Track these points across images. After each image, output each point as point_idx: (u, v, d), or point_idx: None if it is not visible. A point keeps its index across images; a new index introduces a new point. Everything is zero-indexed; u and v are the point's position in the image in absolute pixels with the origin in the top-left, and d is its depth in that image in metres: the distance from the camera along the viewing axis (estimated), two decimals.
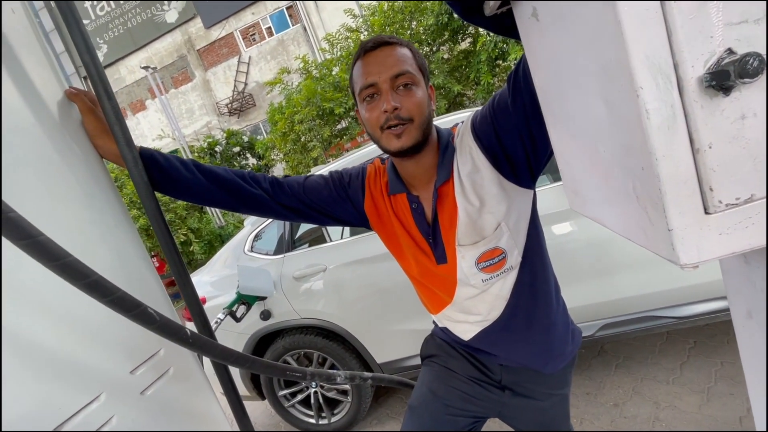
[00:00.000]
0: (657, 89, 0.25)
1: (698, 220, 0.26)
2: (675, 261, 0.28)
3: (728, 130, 0.24)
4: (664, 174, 0.26)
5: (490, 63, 5.33)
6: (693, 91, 0.24)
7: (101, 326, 0.60)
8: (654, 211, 0.28)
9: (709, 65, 0.23)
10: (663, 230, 0.27)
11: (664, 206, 0.26)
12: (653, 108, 0.25)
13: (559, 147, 0.43)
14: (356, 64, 0.74)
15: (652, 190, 0.27)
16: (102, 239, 0.65)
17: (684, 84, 0.24)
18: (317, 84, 6.22)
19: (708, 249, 0.27)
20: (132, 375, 0.62)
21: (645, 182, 0.28)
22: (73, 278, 0.47)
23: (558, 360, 0.85)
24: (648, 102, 0.25)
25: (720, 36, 0.23)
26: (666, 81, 0.24)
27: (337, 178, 0.87)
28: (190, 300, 0.75)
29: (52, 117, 0.64)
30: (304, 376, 0.79)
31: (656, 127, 0.25)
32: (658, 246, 0.29)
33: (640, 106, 0.25)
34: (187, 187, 0.77)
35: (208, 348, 0.61)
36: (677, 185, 0.26)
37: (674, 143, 0.25)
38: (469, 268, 0.77)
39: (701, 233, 0.26)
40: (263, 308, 2.04)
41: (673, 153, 0.25)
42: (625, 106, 0.27)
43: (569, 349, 0.87)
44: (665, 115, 0.25)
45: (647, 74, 0.24)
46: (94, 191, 0.67)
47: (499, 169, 0.73)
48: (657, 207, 0.27)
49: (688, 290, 1.62)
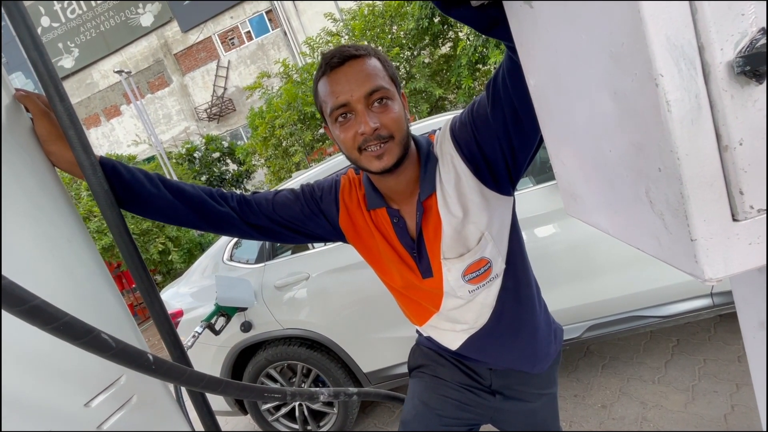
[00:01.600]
0: (679, 76, 0.21)
1: (725, 228, 0.23)
2: (698, 276, 0.24)
3: (762, 123, 0.21)
4: (686, 175, 0.22)
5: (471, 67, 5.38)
6: (721, 78, 0.21)
7: (48, 353, 0.53)
8: (673, 218, 0.24)
9: (741, 48, 0.20)
10: (684, 240, 0.24)
11: (687, 213, 0.23)
12: (675, 99, 0.21)
13: (555, 147, 0.40)
14: (321, 80, 0.68)
15: (670, 194, 0.24)
16: (52, 256, 0.58)
17: (711, 70, 0.21)
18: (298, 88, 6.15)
19: (736, 261, 0.23)
20: (87, 408, 0.56)
21: (662, 185, 0.24)
22: (8, 305, 0.40)
23: (544, 360, 0.86)
24: (669, 92, 0.21)
25: (753, 13, 0.20)
26: (690, 67, 0.21)
27: (309, 192, 0.83)
28: (159, 318, 0.69)
29: None
30: (284, 396, 0.74)
31: (678, 121, 0.22)
32: (676, 258, 0.26)
33: (659, 97, 0.22)
34: (150, 203, 0.71)
35: (173, 374, 0.55)
36: (702, 188, 0.22)
37: (699, 139, 0.22)
38: (456, 281, 0.75)
39: (729, 243, 0.23)
40: (244, 320, 1.96)
41: (697, 151, 0.22)
42: (639, 98, 0.23)
43: (553, 348, 0.87)
44: (689, 106, 0.21)
45: (668, 59, 0.21)
46: (42, 203, 0.60)
47: (480, 177, 0.71)
48: (677, 214, 0.24)
49: (670, 289, 1.64)
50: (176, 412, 0.72)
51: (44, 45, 0.60)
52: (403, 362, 1.89)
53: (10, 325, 0.48)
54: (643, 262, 1.61)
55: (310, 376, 2.03)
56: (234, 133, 14.25)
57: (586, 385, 1.92)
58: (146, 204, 0.70)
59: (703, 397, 1.65)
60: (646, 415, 1.65)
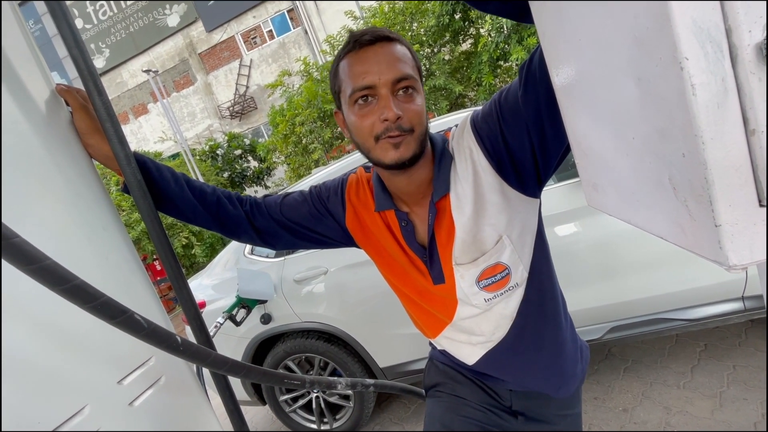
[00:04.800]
0: (705, 59, 0.21)
1: (751, 213, 0.23)
2: (722, 262, 0.24)
3: None
4: (711, 160, 0.22)
5: (492, 64, 5.30)
6: (749, 61, 0.21)
7: (86, 334, 0.56)
8: (697, 204, 0.24)
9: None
10: (708, 226, 0.24)
11: (711, 198, 0.23)
12: (700, 82, 0.21)
13: (577, 137, 0.40)
14: (346, 57, 0.63)
15: (695, 179, 0.24)
16: (89, 242, 0.62)
17: (738, 53, 0.21)
18: (318, 86, 6.21)
19: (761, 248, 0.23)
20: (119, 385, 0.59)
21: (686, 171, 0.24)
22: (51, 283, 0.43)
23: (570, 382, 0.79)
24: (694, 75, 0.21)
25: None
26: (716, 50, 0.21)
27: (316, 193, 0.80)
28: (187, 304, 0.72)
29: (40, 115, 0.61)
30: (303, 383, 0.76)
31: (703, 105, 0.22)
32: (700, 245, 0.26)
33: (684, 81, 0.21)
34: (172, 202, 0.73)
35: (200, 356, 0.58)
36: (727, 173, 0.22)
37: (725, 123, 0.22)
38: (469, 287, 0.70)
39: (755, 229, 0.23)
40: (263, 312, 2.00)
41: (723, 135, 0.22)
42: (664, 83, 0.23)
43: (579, 368, 0.80)
44: (715, 90, 0.21)
45: (694, 42, 0.21)
46: (82, 192, 0.64)
47: (503, 174, 0.65)
48: (701, 199, 0.24)
49: (699, 292, 1.58)
50: (200, 395, 0.75)
51: (84, 42, 0.64)
52: (419, 359, 1.89)
53: (54, 307, 0.51)
54: (669, 263, 1.56)
55: (327, 369, 2.07)
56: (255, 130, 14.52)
57: (606, 388, 1.88)
58: (169, 202, 0.73)
59: (732, 404, 1.58)
60: (670, 420, 1.60)
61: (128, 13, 14.76)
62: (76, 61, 0.64)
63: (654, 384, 1.81)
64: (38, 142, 0.59)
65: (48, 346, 0.51)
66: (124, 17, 14.81)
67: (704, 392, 1.68)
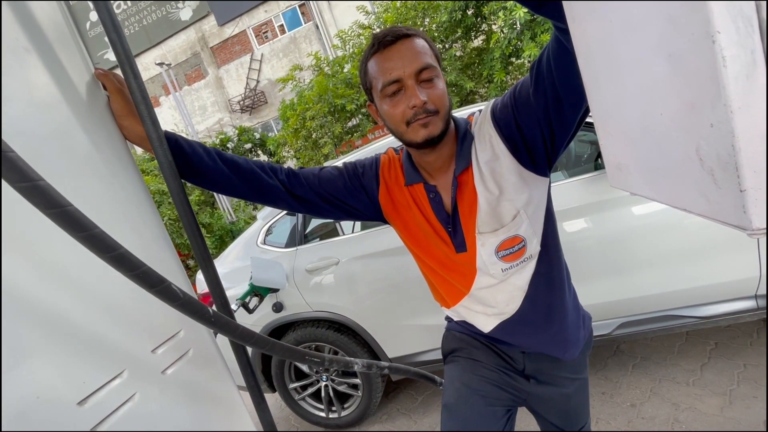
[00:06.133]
0: (737, 33, 0.23)
1: None
2: (745, 226, 0.26)
3: None
4: (739, 128, 0.24)
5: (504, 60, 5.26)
6: None
7: (124, 304, 0.60)
8: (723, 171, 0.26)
9: None
10: (733, 192, 0.26)
11: (737, 164, 0.24)
12: (731, 55, 0.23)
13: (603, 120, 0.41)
14: (373, 58, 0.73)
15: (722, 148, 0.25)
16: (125, 218, 0.65)
17: (766, 27, 0.22)
18: (329, 81, 6.22)
19: None
20: (153, 354, 0.62)
21: (713, 141, 0.26)
22: (100, 250, 0.46)
23: (575, 346, 0.87)
24: (725, 48, 0.23)
25: None
26: (747, 24, 0.22)
27: (351, 169, 0.87)
28: (212, 281, 0.75)
29: (79, 96, 0.64)
30: (322, 361, 0.78)
31: (733, 76, 0.23)
32: (723, 212, 0.27)
33: (716, 53, 0.23)
34: (207, 176, 0.77)
35: (229, 328, 0.61)
36: (753, 141, 0.24)
37: (753, 93, 0.23)
38: (489, 257, 0.77)
39: None
40: (275, 300, 2.04)
41: (750, 104, 0.23)
42: (695, 57, 0.25)
43: (582, 334, 0.89)
44: (744, 62, 0.23)
45: (726, 16, 0.22)
46: (117, 170, 0.67)
47: (518, 157, 0.74)
48: (727, 167, 0.25)
49: (710, 289, 1.57)
50: (224, 369, 0.78)
51: (122, 27, 0.67)
52: (428, 350, 1.91)
53: (99, 277, 0.55)
54: (681, 260, 1.56)
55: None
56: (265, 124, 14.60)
57: (615, 384, 1.88)
58: (204, 176, 0.76)
59: (742, 401, 1.58)
60: (678, 416, 1.61)
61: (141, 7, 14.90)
62: (114, 44, 0.66)
63: (663, 381, 1.81)
64: (78, 122, 0.62)
65: (92, 313, 0.54)
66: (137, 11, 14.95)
67: (714, 390, 1.68)
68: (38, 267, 0.51)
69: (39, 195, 0.42)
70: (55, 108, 0.60)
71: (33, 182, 0.42)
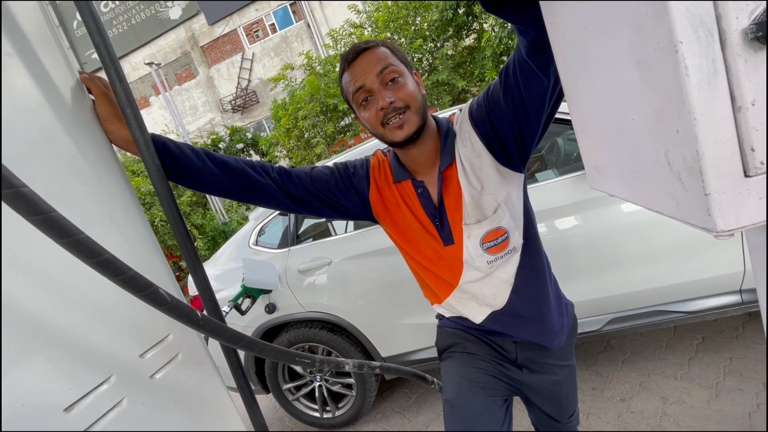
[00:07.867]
0: (698, 43, 0.23)
1: (737, 183, 0.25)
2: (710, 228, 0.27)
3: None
4: (702, 134, 0.25)
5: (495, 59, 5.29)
6: (736, 44, 0.23)
7: (111, 308, 0.59)
8: (689, 175, 0.27)
9: (755, 16, 0.22)
10: (698, 196, 0.26)
11: (701, 169, 0.25)
12: (693, 64, 0.24)
13: (581, 122, 0.42)
14: (343, 75, 0.79)
15: (687, 153, 0.26)
16: (111, 222, 0.65)
17: (727, 37, 0.23)
18: (321, 80, 6.20)
19: (747, 215, 0.26)
20: (142, 358, 0.62)
21: (680, 146, 0.27)
22: (85, 255, 0.46)
23: (560, 334, 0.90)
24: (687, 57, 0.24)
25: None
26: (707, 34, 0.23)
27: (342, 169, 0.89)
28: (201, 284, 0.75)
29: (64, 101, 0.63)
30: (313, 362, 0.79)
31: (695, 85, 0.24)
32: (691, 214, 0.28)
33: (678, 62, 0.24)
34: (197, 177, 0.77)
35: (218, 331, 0.61)
36: (716, 146, 0.25)
37: (714, 101, 0.24)
38: (475, 249, 0.80)
39: (740, 197, 0.25)
40: (268, 301, 2.04)
41: (712, 111, 0.24)
42: (661, 66, 0.26)
43: (566, 321, 0.92)
44: (706, 71, 0.24)
45: (688, 27, 0.23)
46: (103, 174, 0.66)
47: (494, 154, 0.78)
48: (693, 171, 0.26)
49: (697, 284, 1.60)
50: (215, 373, 0.78)
51: (106, 31, 0.66)
52: (421, 348, 1.93)
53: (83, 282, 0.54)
54: (668, 256, 1.59)
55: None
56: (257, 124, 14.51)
57: (604, 379, 1.91)
58: (194, 177, 0.76)
59: (728, 394, 1.62)
60: (667, 410, 1.64)
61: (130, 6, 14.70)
62: (98, 48, 0.66)
63: (651, 375, 1.84)
64: (63, 127, 0.62)
65: (79, 318, 0.54)
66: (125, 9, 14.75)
67: (701, 383, 1.71)
68: (23, 271, 0.50)
69: (21, 202, 0.42)
70: (40, 112, 0.59)
71: (15, 189, 0.42)
